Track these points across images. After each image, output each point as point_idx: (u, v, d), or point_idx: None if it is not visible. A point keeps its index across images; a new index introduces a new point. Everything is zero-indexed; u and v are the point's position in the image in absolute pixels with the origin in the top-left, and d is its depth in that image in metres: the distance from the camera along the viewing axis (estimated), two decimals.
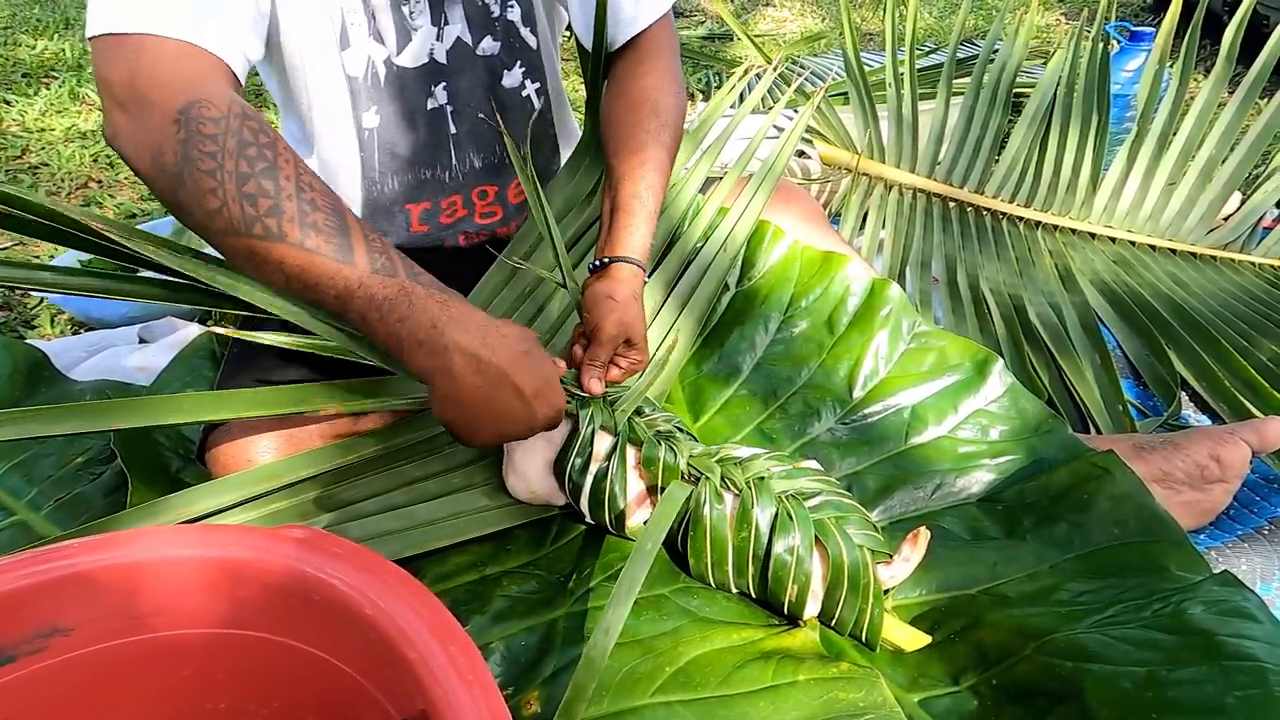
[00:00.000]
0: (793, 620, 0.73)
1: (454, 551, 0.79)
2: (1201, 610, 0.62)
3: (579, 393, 0.79)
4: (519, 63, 0.92)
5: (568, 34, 1.01)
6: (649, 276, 0.95)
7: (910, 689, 0.68)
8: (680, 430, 0.80)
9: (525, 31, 0.91)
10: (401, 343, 0.63)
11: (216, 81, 0.64)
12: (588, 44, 0.92)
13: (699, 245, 1.02)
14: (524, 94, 0.93)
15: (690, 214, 1.04)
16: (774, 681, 0.62)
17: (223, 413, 0.72)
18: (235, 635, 0.59)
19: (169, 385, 1.06)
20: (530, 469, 0.78)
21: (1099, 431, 1.12)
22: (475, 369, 0.63)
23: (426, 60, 0.86)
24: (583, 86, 1.09)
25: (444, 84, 0.88)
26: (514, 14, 0.89)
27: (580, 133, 1.04)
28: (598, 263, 0.84)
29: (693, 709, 0.60)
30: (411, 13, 0.83)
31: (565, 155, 1.04)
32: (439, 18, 0.85)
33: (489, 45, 0.89)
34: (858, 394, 0.94)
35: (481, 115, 0.90)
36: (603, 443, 0.77)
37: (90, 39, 0.63)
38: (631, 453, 0.78)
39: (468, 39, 0.87)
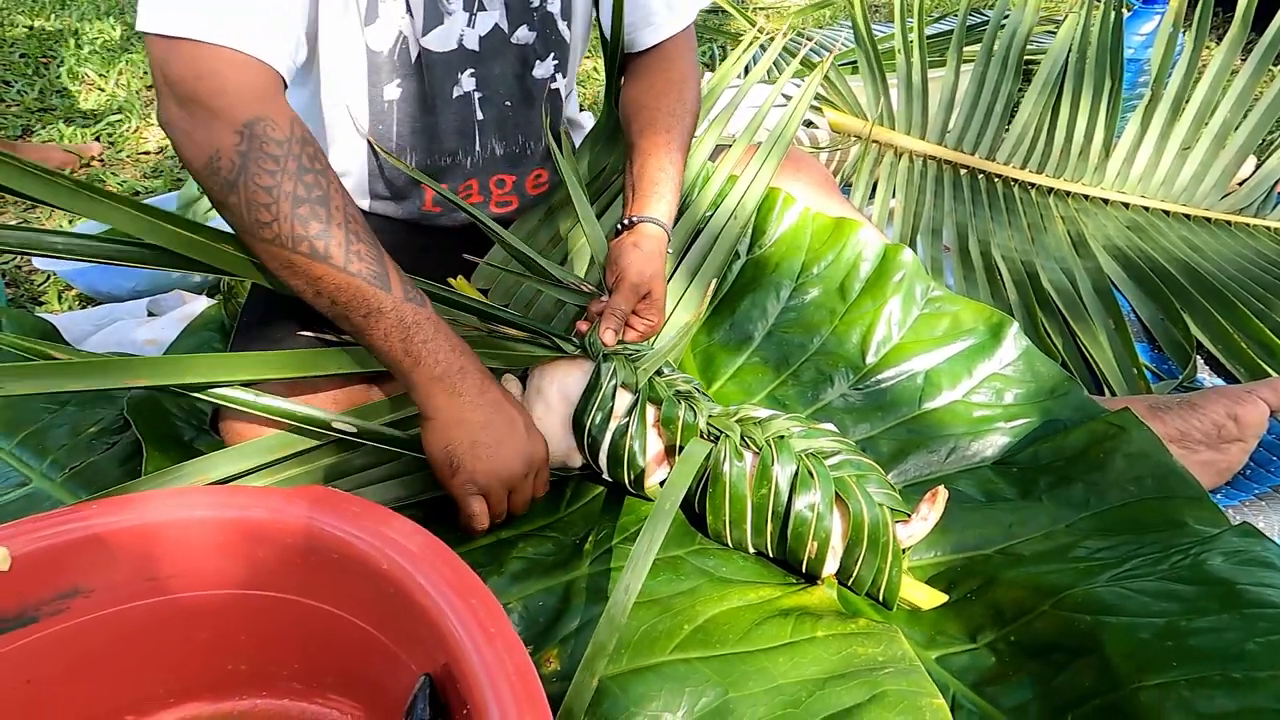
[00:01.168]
0: (810, 579, 0.73)
1: None
2: (1221, 560, 0.62)
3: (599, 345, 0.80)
4: (552, 55, 0.91)
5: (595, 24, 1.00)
6: None
7: (928, 647, 0.69)
8: (699, 392, 0.80)
9: (563, 25, 0.90)
10: (419, 361, 0.68)
11: (277, 97, 0.67)
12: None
13: (709, 213, 1.01)
14: (553, 86, 0.93)
15: (700, 182, 1.03)
16: (792, 638, 0.63)
17: (236, 374, 0.72)
18: (254, 596, 0.59)
19: None
20: (549, 428, 0.78)
21: (1114, 395, 1.11)
22: (480, 390, 0.69)
23: (455, 47, 0.84)
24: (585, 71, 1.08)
25: (472, 70, 0.86)
26: (554, 6, 0.89)
27: (582, 125, 1.07)
28: (625, 222, 0.87)
29: (712, 665, 0.60)
30: None
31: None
32: (473, 3, 0.83)
33: (524, 35, 0.87)
34: (871, 360, 0.93)
35: (509, 103, 0.90)
36: (623, 400, 0.77)
37: (144, 34, 0.65)
38: (651, 411, 0.78)
39: (504, 26, 0.86)
